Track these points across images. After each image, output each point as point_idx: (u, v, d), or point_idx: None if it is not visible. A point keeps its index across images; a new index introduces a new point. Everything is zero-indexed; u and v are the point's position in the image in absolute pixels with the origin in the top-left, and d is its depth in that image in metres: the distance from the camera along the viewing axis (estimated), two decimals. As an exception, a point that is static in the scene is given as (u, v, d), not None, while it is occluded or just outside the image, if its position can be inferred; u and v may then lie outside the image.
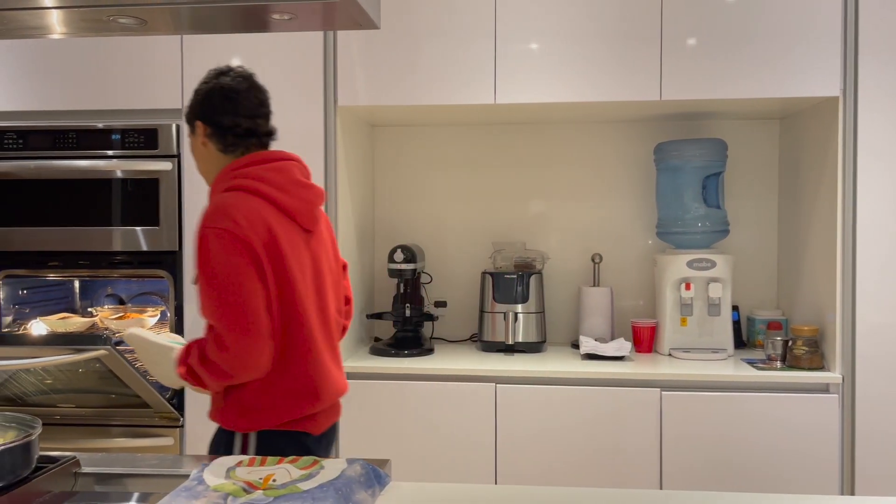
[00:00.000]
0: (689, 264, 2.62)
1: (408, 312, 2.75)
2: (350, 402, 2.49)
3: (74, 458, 1.34)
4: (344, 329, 1.85)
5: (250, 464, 1.29)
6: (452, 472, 2.46)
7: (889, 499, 1.25)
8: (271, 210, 1.57)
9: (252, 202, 1.55)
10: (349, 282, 1.90)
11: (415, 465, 2.47)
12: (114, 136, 2.54)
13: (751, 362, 2.52)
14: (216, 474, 1.23)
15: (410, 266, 2.73)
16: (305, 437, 1.66)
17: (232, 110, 1.62)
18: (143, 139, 2.54)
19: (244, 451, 1.63)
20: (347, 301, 1.88)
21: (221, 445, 1.65)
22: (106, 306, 3.00)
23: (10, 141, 2.58)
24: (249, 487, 1.18)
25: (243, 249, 1.50)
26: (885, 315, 2.32)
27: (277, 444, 1.61)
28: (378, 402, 2.49)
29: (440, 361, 2.57)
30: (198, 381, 1.57)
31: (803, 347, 2.43)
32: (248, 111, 1.63)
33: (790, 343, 2.47)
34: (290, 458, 1.32)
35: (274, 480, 1.21)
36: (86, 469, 1.35)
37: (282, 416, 1.60)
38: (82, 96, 2.58)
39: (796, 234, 2.72)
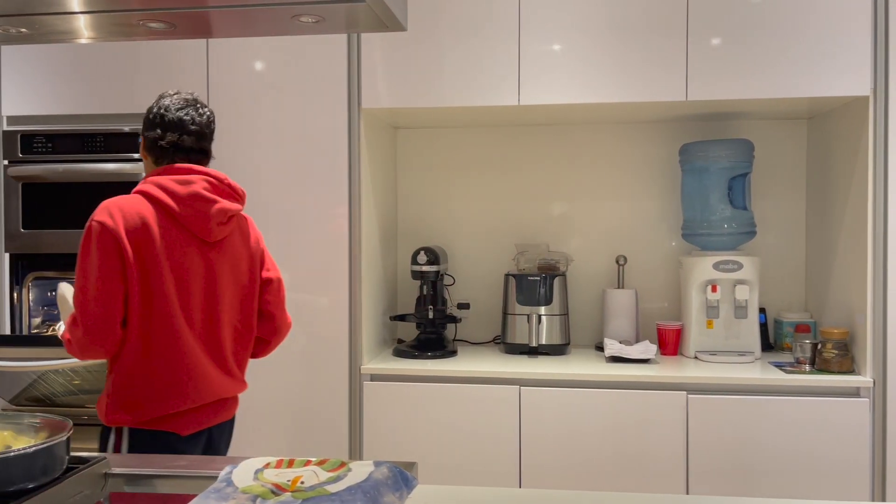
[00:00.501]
0: (716, 266, 2.59)
1: (431, 314, 2.75)
2: (372, 404, 2.49)
3: (105, 458, 1.35)
4: (266, 344, 1.93)
5: (277, 466, 1.29)
6: (476, 475, 2.46)
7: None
8: (162, 216, 1.71)
9: (140, 205, 1.70)
10: (275, 297, 1.91)
11: (438, 467, 2.47)
12: (139, 140, 2.56)
13: (779, 365, 2.49)
14: (244, 476, 1.23)
15: (433, 268, 2.72)
16: (172, 437, 1.73)
17: (160, 127, 1.79)
18: (169, 142, 2.55)
19: (117, 447, 1.71)
20: (269, 317, 1.90)
21: (102, 440, 1.75)
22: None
23: (39, 144, 2.61)
24: (278, 490, 1.18)
25: (110, 243, 1.65)
26: (917, 318, 2.27)
27: (145, 441, 1.71)
28: (401, 404, 2.49)
29: (463, 363, 2.57)
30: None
31: (833, 350, 2.39)
32: (175, 129, 1.78)
33: (819, 346, 2.43)
34: (318, 459, 1.32)
35: (302, 482, 1.21)
36: (116, 470, 1.36)
37: (148, 413, 1.70)
38: (109, 100, 2.61)
39: (825, 235, 2.68)
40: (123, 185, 2.58)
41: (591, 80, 2.45)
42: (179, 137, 1.78)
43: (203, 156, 1.83)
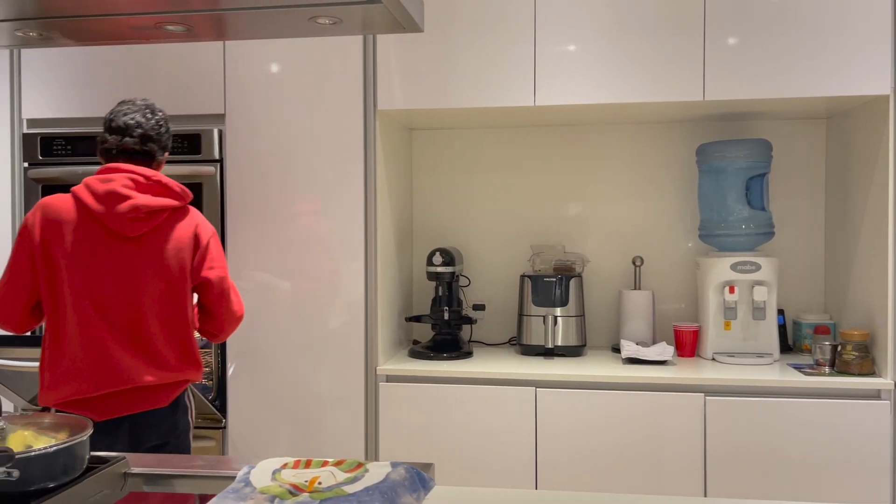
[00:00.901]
0: (733, 267, 2.57)
1: (446, 315, 2.74)
2: (388, 405, 2.50)
3: (124, 458, 1.36)
4: (213, 336, 2.06)
5: (295, 466, 1.30)
6: (492, 477, 2.45)
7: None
8: (82, 213, 1.86)
9: (63, 202, 1.87)
10: (216, 296, 1.98)
11: (454, 468, 2.47)
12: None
13: (798, 367, 2.46)
14: (262, 477, 1.24)
15: (449, 269, 2.72)
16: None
17: (107, 131, 1.94)
18: (187, 144, 2.57)
19: None
20: (210, 314, 2.01)
21: None
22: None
23: (59, 147, 2.64)
24: (295, 490, 1.18)
25: (26, 240, 1.86)
26: (939, 319, 2.24)
27: None
28: (417, 405, 2.49)
29: (479, 365, 2.56)
30: None
31: (853, 352, 2.37)
32: (118, 132, 1.93)
33: (839, 348, 2.40)
34: (336, 460, 1.32)
35: (319, 483, 1.21)
36: (135, 470, 1.37)
37: (58, 396, 1.84)
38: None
39: (845, 235, 2.65)
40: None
41: (608, 80, 2.44)
42: (121, 140, 1.92)
43: (147, 157, 1.95)
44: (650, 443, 2.37)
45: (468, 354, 2.71)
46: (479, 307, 2.89)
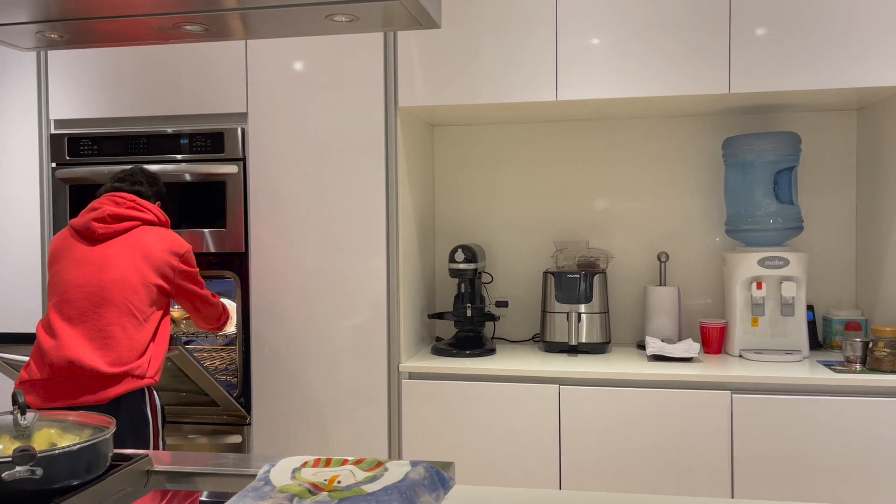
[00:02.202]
0: (761, 262, 2.52)
1: (469, 312, 2.73)
2: (410, 402, 2.50)
3: (146, 456, 1.37)
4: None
5: (315, 465, 1.30)
6: (515, 475, 2.44)
7: None
8: (69, 229, 2.18)
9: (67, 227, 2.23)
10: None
11: (477, 467, 2.46)
12: (182, 141, 2.61)
13: (828, 364, 2.41)
14: (282, 475, 1.24)
15: (471, 266, 2.71)
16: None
17: (112, 179, 2.30)
18: (210, 143, 2.59)
19: None
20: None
21: None
22: (176, 307, 3.08)
23: (86, 147, 2.67)
24: (315, 489, 1.18)
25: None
26: (975, 315, 2.18)
27: None
28: (439, 402, 2.48)
29: (502, 362, 2.55)
30: None
31: (885, 349, 2.31)
32: (116, 180, 2.28)
33: (871, 344, 2.35)
34: (355, 459, 1.32)
35: (339, 482, 1.21)
36: (157, 468, 1.38)
37: (21, 377, 2.05)
38: (152, 102, 2.66)
39: (876, 230, 2.59)
40: (167, 186, 2.63)
41: (631, 73, 2.41)
42: (116, 186, 2.26)
43: (135, 193, 2.25)
44: (676, 441, 2.34)
45: (491, 351, 2.70)
46: (501, 304, 2.88)
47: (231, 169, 2.56)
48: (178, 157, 2.62)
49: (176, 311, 2.97)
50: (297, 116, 2.55)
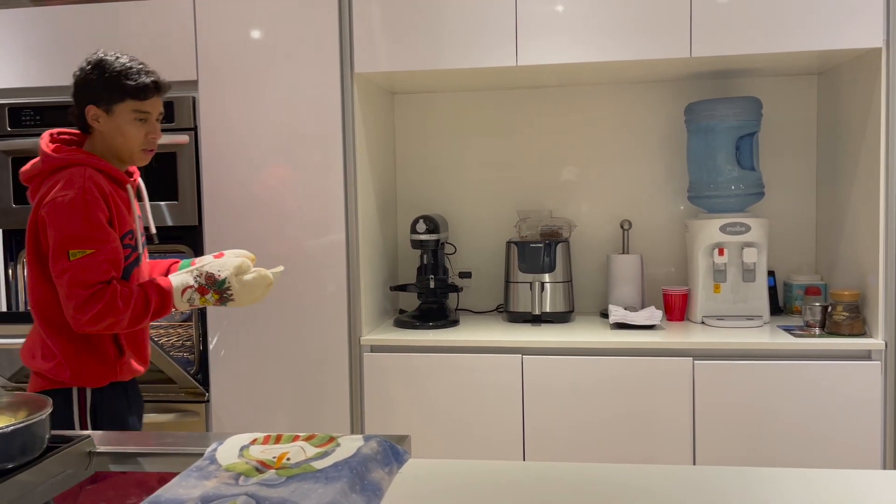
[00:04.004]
0: (723, 229, 2.52)
1: (432, 284, 2.70)
2: (373, 375, 2.46)
3: (88, 437, 1.32)
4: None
5: (265, 442, 1.26)
6: (479, 447, 2.43)
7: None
8: None
9: None
10: (59, 285, 1.67)
11: (440, 439, 2.44)
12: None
13: (788, 329, 2.43)
14: (229, 454, 1.20)
15: (433, 237, 2.67)
16: None
17: None
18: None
19: None
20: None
21: None
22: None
23: (27, 118, 2.56)
24: (262, 467, 1.14)
25: None
26: (931, 278, 2.20)
27: None
28: (402, 375, 2.45)
29: (465, 333, 2.52)
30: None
31: (843, 313, 2.33)
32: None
33: (829, 309, 2.37)
34: (307, 434, 1.28)
35: (288, 459, 1.17)
36: (101, 448, 1.33)
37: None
38: (98, 71, 2.54)
39: (836, 195, 2.60)
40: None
41: (592, 38, 2.36)
42: None
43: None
44: (639, 408, 2.34)
45: (454, 323, 2.67)
46: (465, 275, 2.85)
47: (182, 139, 2.47)
48: (128, 127, 2.52)
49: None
50: (250, 85, 2.46)
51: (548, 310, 2.67)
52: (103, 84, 1.74)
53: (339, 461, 1.15)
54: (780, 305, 2.73)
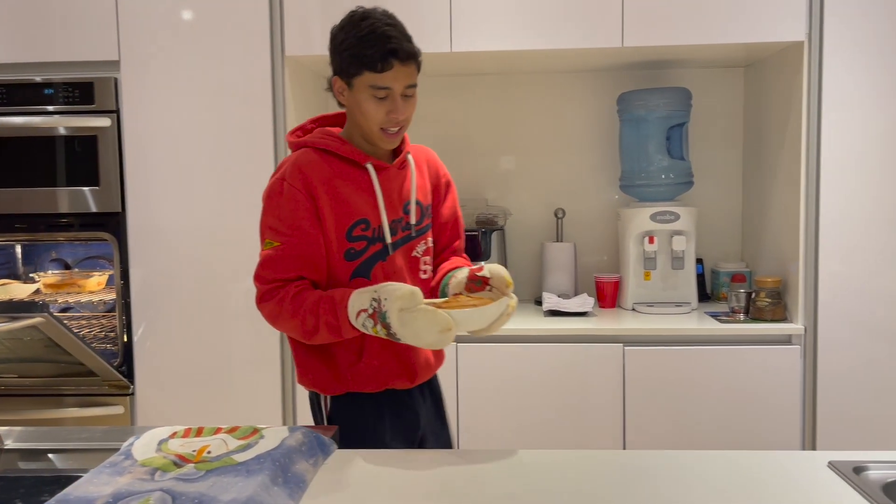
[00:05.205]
0: (653, 217, 2.56)
1: (366, 272, 2.66)
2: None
3: (-5, 434, 1.25)
4: None
5: (185, 435, 1.21)
6: (414, 434, 2.41)
7: (847, 452, 1.21)
8: None
9: None
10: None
11: (375, 427, 2.42)
12: (46, 91, 2.39)
13: (714, 315, 2.49)
14: (146, 448, 1.15)
15: (368, 224, 2.63)
16: None
17: None
18: (79, 94, 2.39)
19: None
20: None
21: None
22: (50, 272, 2.87)
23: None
24: (181, 461, 1.10)
25: None
26: (846, 265, 2.29)
27: None
28: (336, 364, 2.41)
29: (400, 321, 2.50)
30: None
31: (766, 299, 2.40)
32: None
33: (753, 295, 2.44)
34: (230, 427, 1.24)
35: (209, 452, 1.13)
36: (9, 445, 1.26)
37: None
38: (18, 48, 2.41)
39: (761, 184, 2.67)
40: (30, 141, 2.41)
41: (526, 26, 2.36)
42: None
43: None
44: (571, 394, 2.37)
45: (389, 311, 2.64)
46: (400, 263, 2.82)
47: (103, 122, 2.36)
48: (50, 108, 2.40)
49: (49, 277, 2.76)
50: (176, 66, 2.37)
51: (483, 298, 2.66)
52: (343, 51, 1.48)
53: (261, 453, 1.12)
54: (707, 292, 2.80)
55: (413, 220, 1.57)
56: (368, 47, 1.44)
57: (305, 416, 2.41)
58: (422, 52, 1.53)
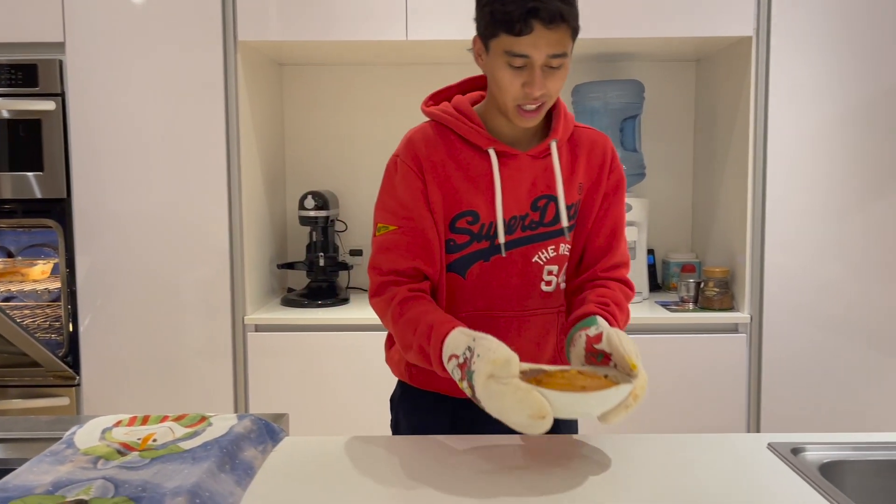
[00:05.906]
0: (606, 208, 2.59)
1: (321, 262, 2.65)
2: (257, 356, 2.39)
3: (-71, 424, 1.21)
4: None
5: (130, 423, 1.19)
6: (367, 424, 2.41)
7: (787, 434, 1.25)
8: None
9: None
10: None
11: (327, 417, 2.41)
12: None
13: (664, 304, 2.54)
14: (89, 437, 1.13)
15: (323, 213, 2.61)
16: None
17: None
18: (23, 76, 2.31)
19: None
20: None
21: None
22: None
23: None
24: (125, 449, 1.08)
25: None
26: (792, 256, 2.35)
27: None
28: (289, 354, 2.40)
29: (355, 311, 2.49)
30: None
31: (715, 289, 2.46)
32: None
33: (702, 285, 2.49)
34: (176, 415, 1.22)
35: (154, 440, 1.11)
36: (-55, 436, 1.22)
37: None
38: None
39: (710, 177, 2.73)
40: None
41: (482, 15, 2.36)
42: None
43: None
44: (524, 383, 2.39)
45: (344, 301, 2.63)
46: (356, 252, 2.81)
47: (47, 105, 2.30)
48: (1, 90, 2.32)
49: (-9, 265, 2.68)
50: (124, 48, 2.31)
51: (438, 287, 2.67)
52: (483, 6, 1.28)
53: (208, 441, 1.10)
54: (658, 282, 2.85)
55: (542, 219, 1.32)
56: (508, 2, 1.19)
57: (259, 405, 2.39)
58: (579, 15, 1.22)
